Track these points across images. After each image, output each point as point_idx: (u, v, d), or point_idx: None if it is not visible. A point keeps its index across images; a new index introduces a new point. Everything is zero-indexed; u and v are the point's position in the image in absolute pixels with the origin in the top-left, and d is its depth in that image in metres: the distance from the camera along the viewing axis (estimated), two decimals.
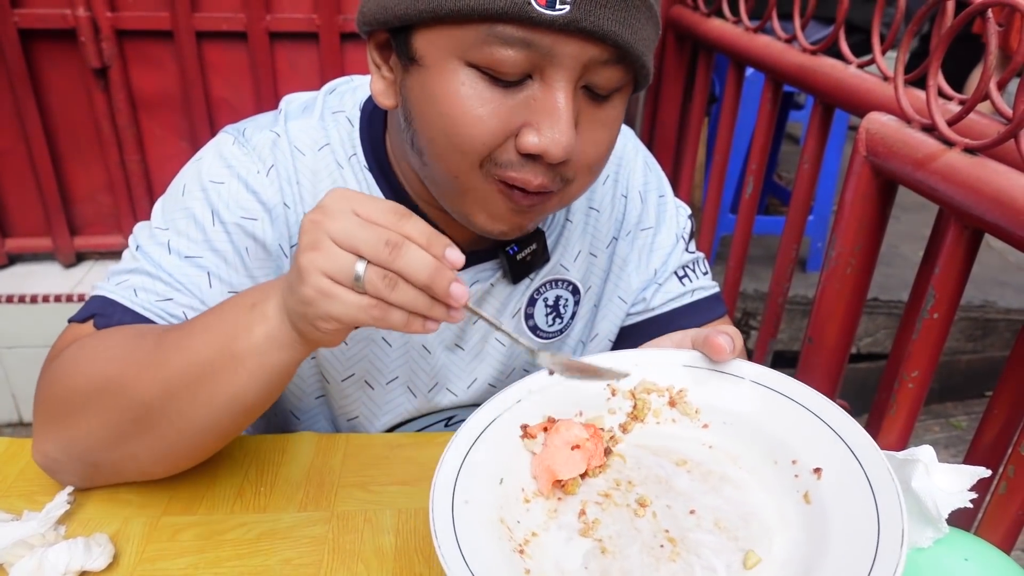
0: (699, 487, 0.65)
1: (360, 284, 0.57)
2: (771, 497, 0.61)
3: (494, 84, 0.66)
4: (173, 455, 0.74)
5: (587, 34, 0.63)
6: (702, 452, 0.67)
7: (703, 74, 1.81)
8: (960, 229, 0.80)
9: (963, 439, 2.66)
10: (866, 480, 0.55)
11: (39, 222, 2.43)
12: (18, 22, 2.12)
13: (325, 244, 0.57)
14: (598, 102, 0.70)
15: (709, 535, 0.60)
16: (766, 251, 2.85)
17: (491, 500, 0.63)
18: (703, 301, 0.97)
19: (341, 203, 0.58)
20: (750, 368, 0.68)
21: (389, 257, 0.56)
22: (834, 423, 0.61)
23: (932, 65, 0.83)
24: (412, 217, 0.58)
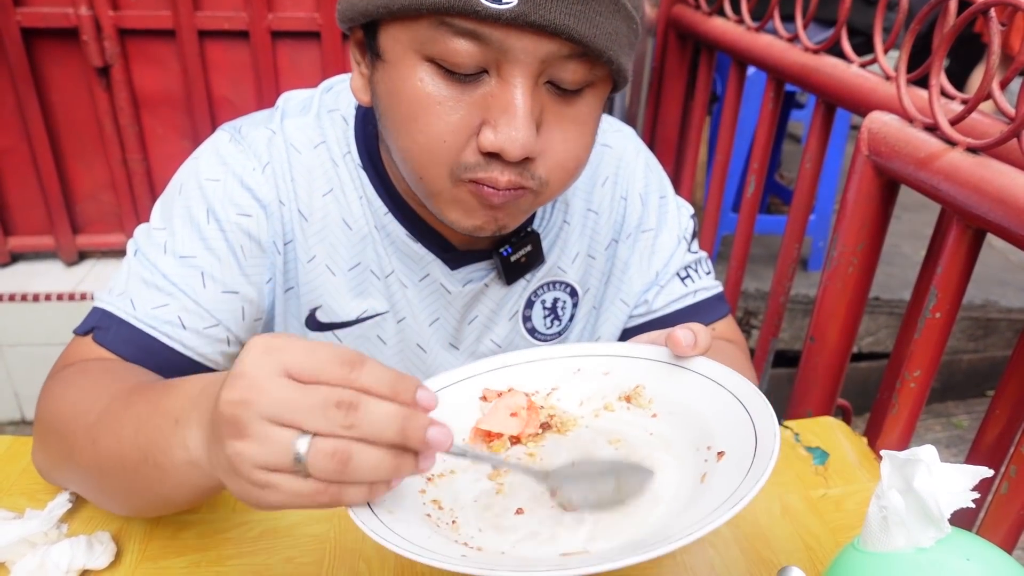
0: (614, 455, 0.67)
1: (303, 467, 0.46)
2: (676, 478, 0.63)
3: (450, 78, 0.66)
4: (128, 512, 0.73)
5: (537, 28, 0.61)
6: (640, 436, 0.69)
7: (705, 73, 1.81)
8: (962, 229, 0.80)
9: (964, 438, 2.66)
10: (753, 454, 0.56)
11: (41, 220, 2.43)
12: (21, 21, 2.12)
13: (254, 427, 0.46)
14: (565, 98, 0.69)
15: (602, 455, 0.65)
16: (768, 250, 2.85)
17: None
18: (706, 301, 0.97)
19: (266, 365, 0.47)
20: (704, 364, 0.68)
21: (344, 421, 0.46)
22: (752, 410, 0.61)
23: (934, 64, 0.83)
24: (366, 363, 0.47)
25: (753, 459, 0.55)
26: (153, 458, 0.58)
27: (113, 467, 0.63)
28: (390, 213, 0.85)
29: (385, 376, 0.48)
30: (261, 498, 0.48)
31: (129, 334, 0.77)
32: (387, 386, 0.48)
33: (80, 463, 0.67)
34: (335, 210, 0.85)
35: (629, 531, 0.58)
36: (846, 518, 0.83)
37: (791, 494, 0.86)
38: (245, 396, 0.46)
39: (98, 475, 0.66)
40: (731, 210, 2.65)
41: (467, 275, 0.89)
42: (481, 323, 0.93)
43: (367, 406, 0.47)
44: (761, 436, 0.57)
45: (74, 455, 0.68)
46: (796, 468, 0.90)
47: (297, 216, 0.84)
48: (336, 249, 0.86)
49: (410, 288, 0.88)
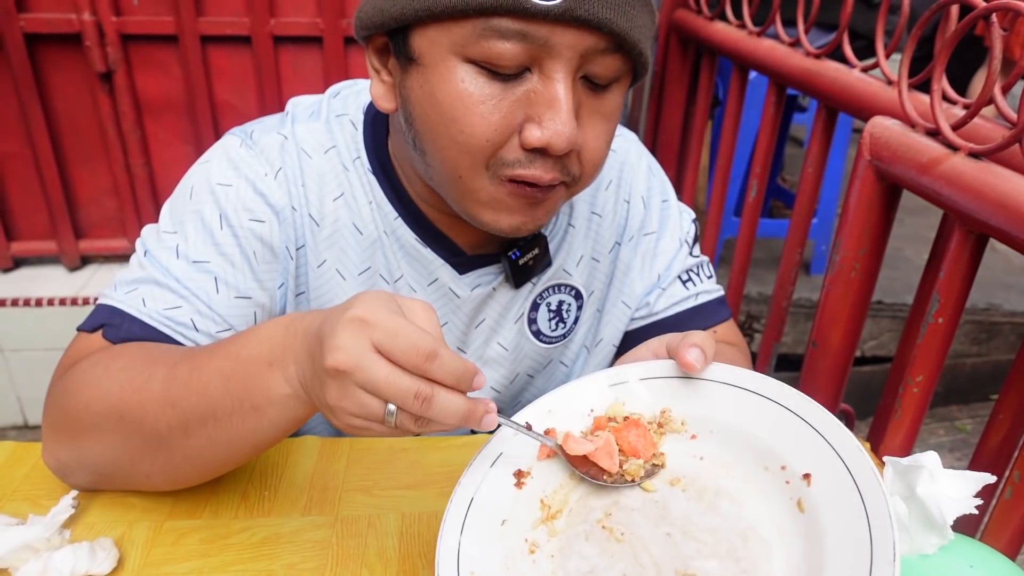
0: (695, 507, 0.63)
1: (391, 423, 0.56)
2: (767, 507, 0.60)
3: (493, 79, 0.66)
4: (184, 477, 0.75)
5: (582, 23, 0.63)
6: (694, 465, 0.66)
7: (706, 77, 1.81)
8: (964, 234, 0.80)
9: (968, 443, 2.65)
10: (854, 484, 0.54)
11: (44, 225, 2.44)
12: (24, 26, 2.13)
13: (351, 392, 0.55)
14: (598, 93, 0.70)
15: (711, 561, 0.58)
16: (770, 254, 2.85)
17: (497, 547, 0.64)
18: (707, 305, 0.97)
19: (360, 340, 0.54)
20: (725, 371, 0.67)
21: (420, 409, 0.55)
22: (816, 423, 0.59)
23: (936, 69, 0.83)
24: (438, 356, 0.55)
25: (857, 486, 0.53)
26: (250, 401, 0.63)
27: (199, 421, 0.66)
28: (400, 218, 0.85)
29: (453, 369, 0.55)
30: (353, 432, 0.58)
31: (142, 331, 0.77)
32: (453, 378, 0.55)
33: (154, 432, 0.68)
34: (345, 215, 0.85)
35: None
36: None
37: None
38: (345, 367, 0.54)
39: (180, 435, 0.67)
40: (733, 214, 2.65)
41: (475, 279, 0.89)
42: (488, 327, 0.93)
43: (439, 398, 0.55)
44: (844, 452, 0.55)
45: (143, 423, 0.68)
46: None
47: (309, 221, 0.84)
48: (346, 254, 0.86)
49: (419, 293, 0.89)
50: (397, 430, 0.57)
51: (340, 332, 0.55)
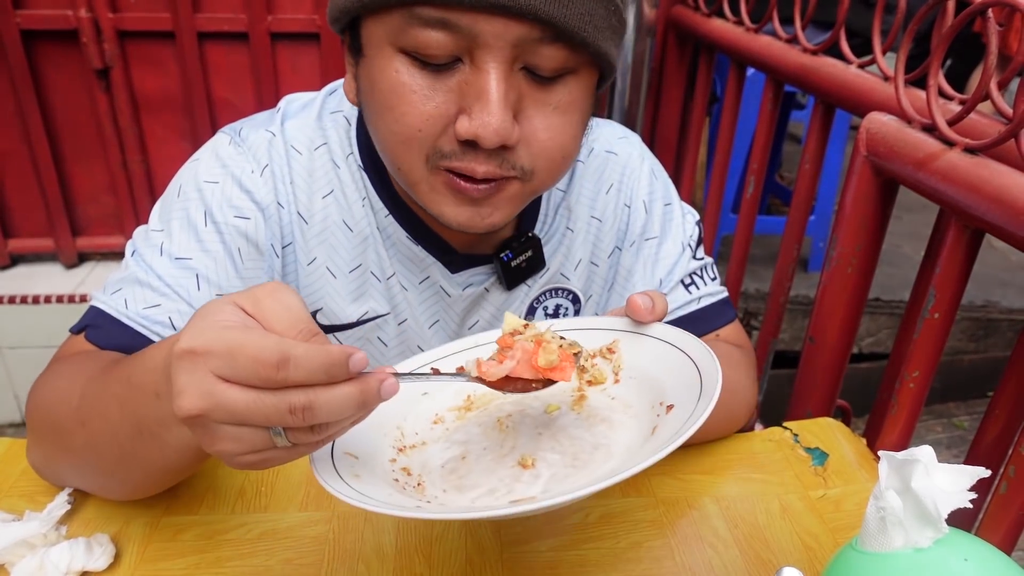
0: (576, 424, 0.70)
1: (287, 444, 0.50)
2: (631, 434, 0.65)
3: (425, 69, 0.66)
4: (120, 492, 0.74)
5: (504, 11, 0.61)
6: (602, 400, 0.71)
7: (704, 74, 1.81)
8: (960, 229, 0.80)
9: (965, 439, 2.66)
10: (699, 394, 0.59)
11: (41, 223, 2.44)
12: (20, 23, 2.13)
13: (222, 433, 0.49)
14: (544, 85, 0.68)
15: (554, 455, 0.66)
16: (767, 250, 2.85)
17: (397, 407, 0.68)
18: (710, 307, 0.96)
19: (197, 377, 0.47)
20: (662, 329, 0.70)
21: (306, 421, 0.48)
22: (701, 366, 0.63)
23: (933, 65, 0.83)
24: (291, 359, 0.46)
25: (696, 405, 0.57)
26: (148, 430, 0.58)
27: (107, 445, 0.64)
28: (391, 215, 0.85)
29: (316, 366, 0.47)
30: (256, 468, 0.52)
31: (120, 332, 0.77)
32: (323, 374, 0.47)
33: (73, 448, 0.67)
34: (335, 212, 0.85)
35: (580, 482, 0.60)
36: (845, 518, 0.83)
37: (790, 494, 0.86)
38: (196, 411, 0.47)
39: (94, 456, 0.66)
40: (731, 211, 2.65)
41: (467, 279, 0.89)
42: (482, 328, 0.93)
43: (319, 401, 0.48)
44: (706, 386, 0.59)
45: (65, 441, 0.68)
46: (795, 468, 0.90)
47: (297, 218, 0.84)
48: (337, 251, 0.86)
49: (410, 290, 0.88)
50: (300, 448, 0.51)
51: (175, 374, 0.48)
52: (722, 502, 0.84)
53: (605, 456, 0.63)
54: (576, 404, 0.71)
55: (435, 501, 0.61)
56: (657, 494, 0.85)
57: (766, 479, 0.89)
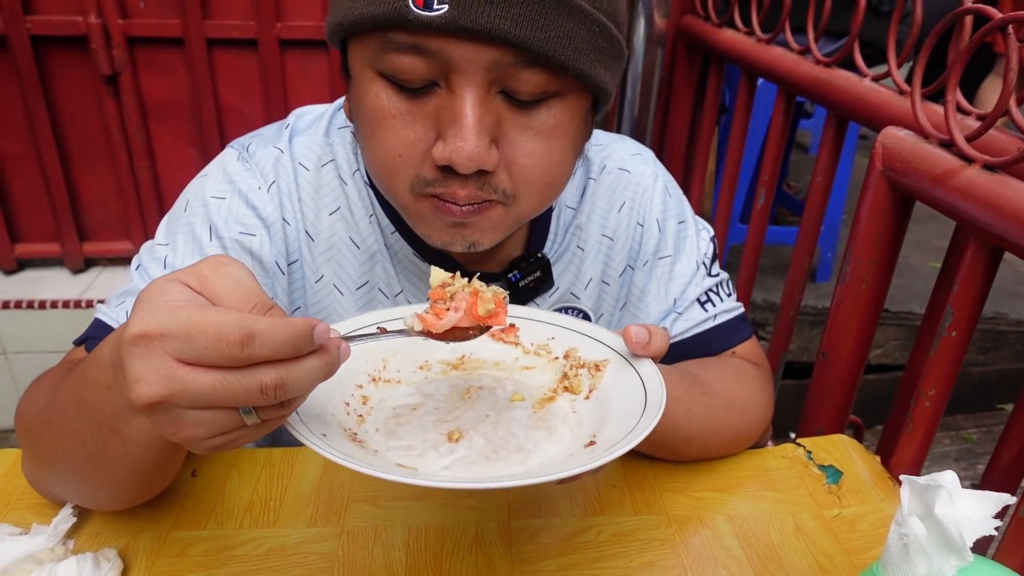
0: (525, 419, 0.69)
1: (256, 421, 0.49)
2: (555, 452, 0.65)
3: (402, 93, 0.65)
4: (106, 498, 0.73)
5: (471, 34, 0.59)
6: (564, 409, 0.70)
7: (714, 84, 1.80)
8: (979, 247, 0.79)
9: (974, 452, 2.64)
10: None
11: (48, 227, 2.44)
12: (30, 28, 2.13)
13: (186, 418, 0.46)
14: (524, 109, 0.66)
15: (481, 438, 0.67)
16: (775, 260, 2.84)
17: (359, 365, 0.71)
18: (726, 324, 0.95)
19: (155, 362, 0.44)
20: (649, 369, 0.68)
21: (276, 397, 0.46)
22: (641, 424, 0.62)
23: (950, 80, 0.82)
24: (255, 335, 0.44)
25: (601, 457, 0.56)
26: (106, 425, 0.56)
27: (72, 444, 0.62)
28: (397, 232, 0.85)
29: (283, 340, 0.45)
30: (222, 449, 0.50)
31: None
32: (291, 348, 0.46)
33: (43, 451, 0.67)
34: (343, 229, 0.84)
35: (477, 474, 0.62)
36: (861, 539, 0.82)
37: (804, 513, 0.85)
38: (156, 398, 0.45)
39: (62, 459, 0.65)
40: (739, 221, 2.64)
41: None
42: None
43: (290, 378, 0.46)
44: (626, 439, 0.58)
45: (37, 444, 0.68)
46: (809, 487, 0.89)
47: (304, 236, 0.84)
48: (344, 268, 0.85)
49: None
50: (269, 423, 0.49)
51: (128, 361, 0.45)
52: (735, 520, 0.83)
53: (519, 460, 0.64)
54: (540, 403, 0.72)
55: (365, 437, 0.64)
56: (669, 512, 0.84)
57: (779, 497, 0.88)
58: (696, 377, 0.87)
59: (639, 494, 0.86)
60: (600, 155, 0.93)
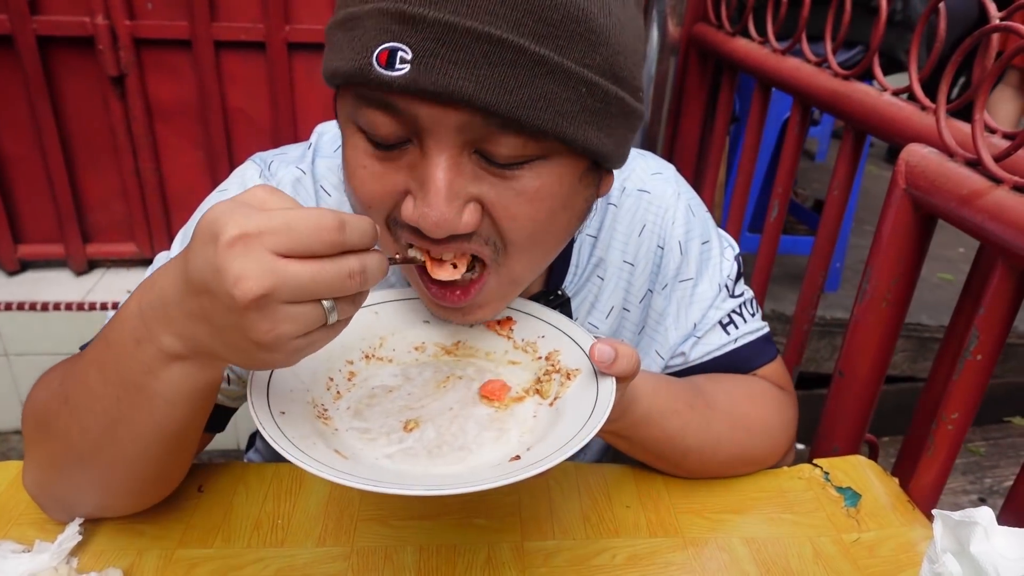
0: (483, 416, 0.70)
1: (333, 319, 0.53)
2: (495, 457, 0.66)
3: (378, 148, 0.63)
4: (118, 489, 0.71)
5: (432, 96, 0.56)
6: (527, 413, 0.70)
7: (726, 93, 1.79)
8: (1008, 269, 0.77)
9: (981, 465, 2.62)
10: None
11: (52, 228, 2.42)
12: (36, 29, 2.12)
13: (282, 313, 0.50)
14: (504, 171, 0.61)
15: (433, 432, 0.68)
16: (782, 269, 2.82)
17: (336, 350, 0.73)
18: (749, 346, 0.93)
19: (254, 256, 0.48)
20: (607, 388, 0.66)
21: (359, 286, 0.52)
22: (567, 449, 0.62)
23: (978, 99, 0.81)
24: (346, 221, 0.51)
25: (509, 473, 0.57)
26: (133, 384, 0.59)
27: (91, 416, 0.63)
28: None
29: (365, 228, 0.53)
30: (295, 358, 0.54)
31: None
32: (367, 236, 0.53)
33: (57, 433, 0.66)
34: None
35: (415, 468, 0.63)
36: (881, 565, 0.80)
37: (823, 537, 0.83)
38: (262, 291, 0.48)
39: (79, 435, 0.64)
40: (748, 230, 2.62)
41: None
42: None
43: (370, 263, 0.52)
44: (545, 460, 0.58)
45: (51, 428, 0.67)
46: (827, 510, 0.88)
47: None
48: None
49: None
50: (338, 324, 0.54)
51: (229, 263, 0.48)
52: (752, 544, 0.82)
53: (456, 460, 0.65)
54: (509, 402, 0.72)
55: (334, 414, 0.67)
56: (686, 534, 0.82)
57: (797, 520, 0.86)
58: (701, 391, 0.85)
59: (654, 515, 0.85)
60: (620, 177, 0.90)
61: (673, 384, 0.83)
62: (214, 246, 0.48)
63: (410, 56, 0.55)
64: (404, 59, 0.55)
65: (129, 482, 0.70)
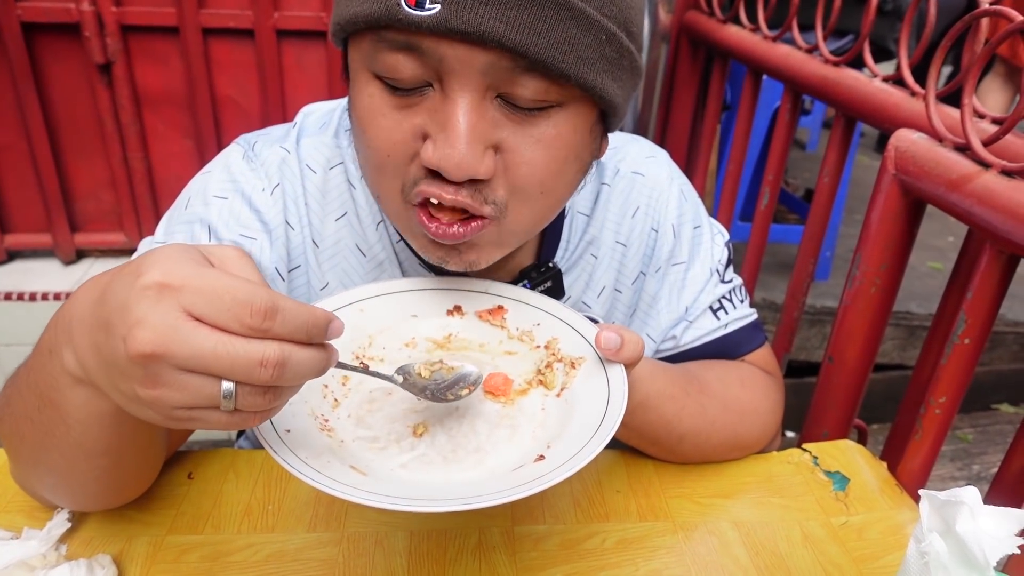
0: (491, 413, 0.69)
1: (230, 406, 0.47)
2: (511, 457, 0.65)
3: (395, 93, 0.63)
4: (78, 492, 0.70)
5: (463, 35, 0.56)
6: (534, 406, 0.70)
7: (717, 81, 1.79)
8: (995, 253, 0.77)
9: (969, 452, 2.65)
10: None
11: (39, 218, 2.40)
12: (21, 15, 2.09)
13: (170, 378, 0.45)
14: (524, 117, 0.62)
15: (444, 434, 0.67)
16: (772, 258, 2.83)
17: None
18: (737, 333, 0.93)
19: (166, 309, 0.44)
20: (618, 375, 0.67)
21: (271, 378, 0.46)
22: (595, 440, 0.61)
23: (967, 84, 0.81)
24: (279, 310, 0.46)
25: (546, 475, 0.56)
26: (47, 397, 0.57)
27: (25, 424, 0.62)
28: (403, 240, 0.83)
29: (301, 321, 0.47)
30: (176, 424, 0.49)
31: None
32: (304, 333, 0.47)
33: (6, 436, 0.66)
34: (348, 235, 0.82)
35: (433, 477, 0.62)
36: (869, 548, 0.81)
37: (811, 521, 0.84)
38: (156, 349, 0.44)
39: (18, 441, 0.64)
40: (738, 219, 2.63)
41: None
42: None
43: (293, 359, 0.47)
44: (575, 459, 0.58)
45: (4, 433, 0.66)
46: (816, 494, 0.88)
47: (310, 243, 0.81)
48: (349, 276, 0.83)
49: None
50: (237, 413, 0.47)
51: (136, 305, 0.44)
52: (742, 528, 0.82)
53: (475, 463, 0.63)
54: (513, 396, 0.71)
55: (330, 423, 0.65)
56: (675, 518, 0.83)
57: (786, 504, 0.86)
58: (695, 376, 0.85)
59: (644, 499, 0.85)
60: (613, 159, 0.91)
61: (669, 369, 0.83)
62: (132, 281, 0.45)
63: None
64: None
65: (86, 487, 0.68)
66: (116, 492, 0.73)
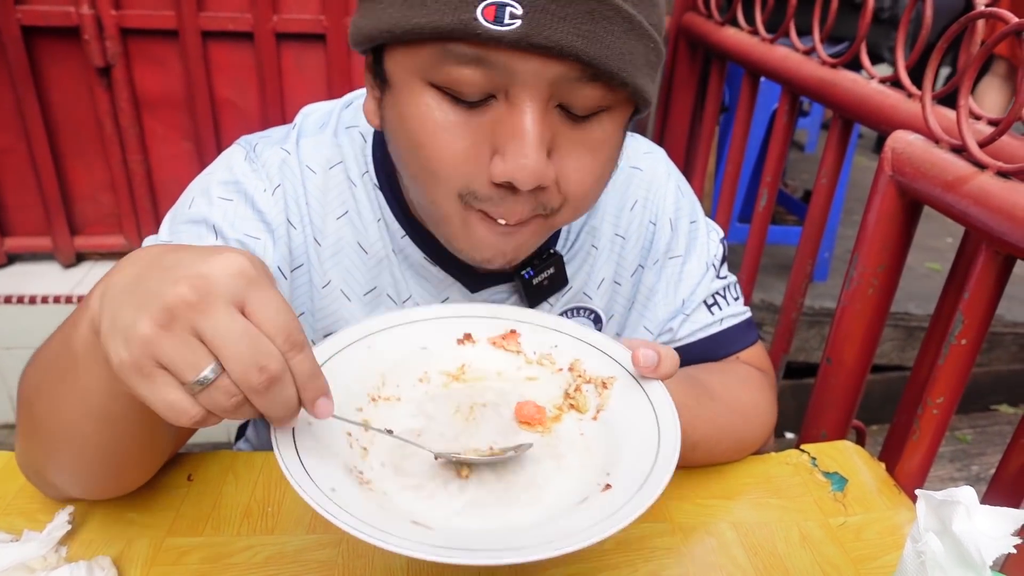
0: (532, 450, 0.67)
1: (196, 389, 0.47)
2: (566, 487, 0.63)
3: (457, 105, 0.63)
4: (88, 470, 0.70)
5: (543, 50, 0.58)
6: (572, 431, 0.69)
7: (716, 83, 1.79)
8: (992, 254, 0.78)
9: (968, 452, 2.65)
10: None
11: (39, 221, 2.40)
12: (21, 19, 2.10)
13: (179, 331, 0.46)
14: (578, 123, 0.65)
15: (490, 473, 0.65)
16: (771, 259, 2.84)
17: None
18: (732, 329, 0.94)
19: (231, 287, 0.47)
20: (659, 392, 0.67)
21: (256, 386, 0.48)
22: (662, 455, 0.60)
23: (963, 85, 0.81)
24: (303, 351, 0.50)
25: (628, 501, 0.55)
26: (67, 342, 0.58)
27: (44, 373, 0.63)
28: (407, 236, 0.83)
29: (308, 371, 0.51)
30: (127, 379, 0.48)
31: None
32: (305, 377, 0.51)
33: (27, 401, 0.67)
34: (350, 233, 0.83)
35: (492, 521, 0.60)
36: (867, 548, 0.81)
37: (809, 521, 0.84)
38: (200, 299, 0.46)
39: (35, 396, 0.65)
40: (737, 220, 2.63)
41: (487, 298, 0.87)
42: None
43: (283, 384, 0.49)
44: (651, 481, 0.57)
45: (24, 403, 0.67)
46: (814, 494, 0.88)
47: (312, 241, 0.82)
48: (351, 274, 0.84)
49: None
50: (189, 400, 0.48)
51: (211, 267, 0.47)
52: (740, 528, 0.82)
53: (531, 500, 0.62)
54: (548, 425, 0.70)
55: (366, 474, 0.62)
56: (674, 519, 0.83)
57: (784, 505, 0.87)
58: (702, 383, 0.86)
59: None
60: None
61: (679, 380, 0.84)
62: (215, 252, 0.49)
63: (520, 11, 0.57)
64: (514, 14, 0.57)
65: (90, 461, 0.68)
66: (116, 475, 0.72)
